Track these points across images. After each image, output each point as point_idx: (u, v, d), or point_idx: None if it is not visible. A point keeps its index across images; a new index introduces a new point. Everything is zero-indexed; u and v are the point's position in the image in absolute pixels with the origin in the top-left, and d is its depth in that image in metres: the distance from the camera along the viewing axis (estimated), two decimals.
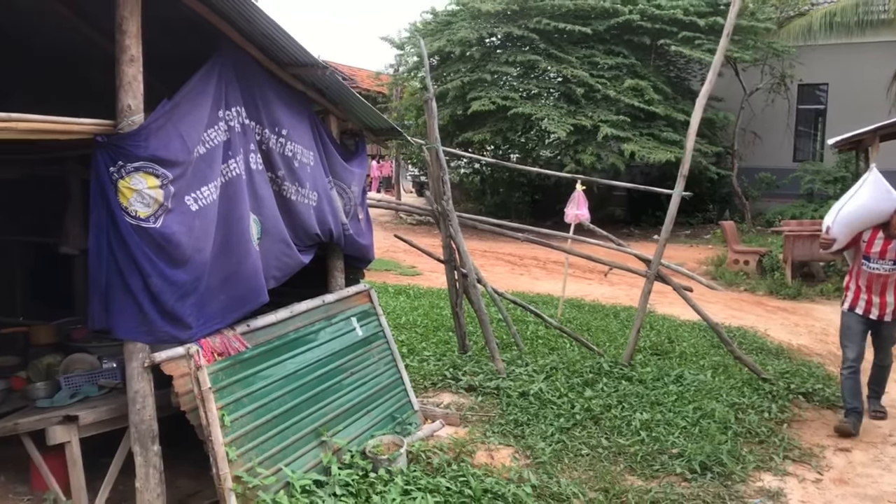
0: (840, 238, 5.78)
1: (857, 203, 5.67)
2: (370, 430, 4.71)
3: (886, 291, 5.73)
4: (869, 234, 5.73)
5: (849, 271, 6.01)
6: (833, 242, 5.79)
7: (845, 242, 5.81)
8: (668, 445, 5.04)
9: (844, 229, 5.73)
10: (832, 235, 5.78)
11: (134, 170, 3.57)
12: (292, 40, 4.27)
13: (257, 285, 4.14)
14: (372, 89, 27.84)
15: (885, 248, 5.67)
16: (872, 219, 5.67)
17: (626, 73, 19.15)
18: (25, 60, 5.42)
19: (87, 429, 4.02)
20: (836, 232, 5.76)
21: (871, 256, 5.73)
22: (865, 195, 5.68)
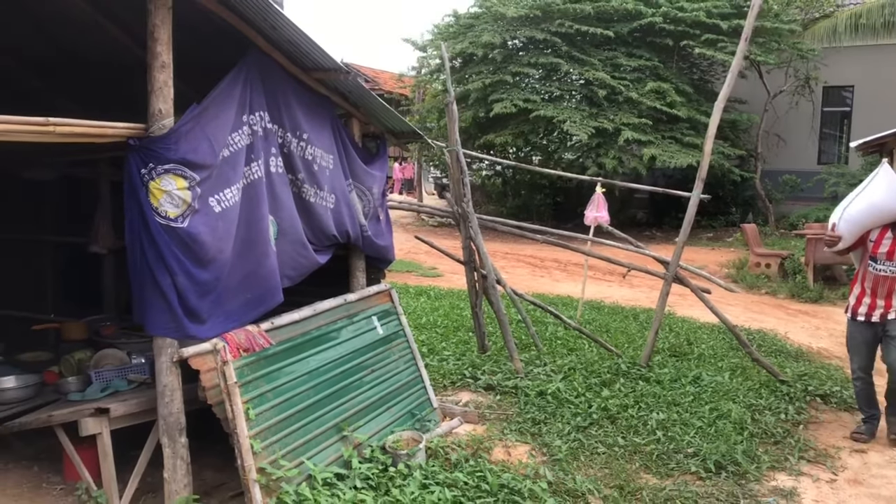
0: (846, 236, 5.53)
1: (866, 200, 5.41)
2: (390, 426, 4.83)
3: (893, 295, 5.45)
4: (877, 234, 5.47)
5: (855, 273, 5.77)
6: (838, 241, 5.54)
7: (852, 241, 5.56)
8: (683, 445, 5.10)
9: (851, 227, 5.48)
10: (838, 233, 5.54)
11: (164, 171, 3.71)
12: (316, 46, 4.40)
13: (274, 285, 4.27)
14: (394, 91, 28.00)
15: (893, 248, 5.42)
16: (881, 217, 5.41)
17: (648, 75, 19.16)
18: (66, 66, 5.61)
19: (117, 421, 4.17)
20: (843, 230, 5.52)
21: (877, 257, 5.47)
22: (874, 192, 5.41)
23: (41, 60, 5.79)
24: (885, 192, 5.39)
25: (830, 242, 5.62)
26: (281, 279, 4.37)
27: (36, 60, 5.84)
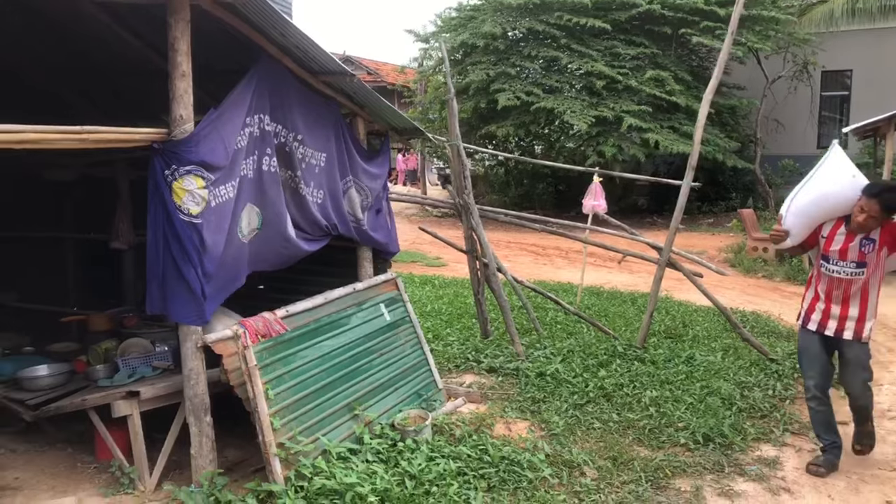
0: (794, 231, 4.71)
1: (815, 189, 4.60)
2: (398, 405, 5.16)
3: (849, 301, 4.61)
4: (829, 229, 4.64)
5: (809, 276, 4.96)
6: (785, 236, 4.74)
7: (802, 236, 4.73)
8: (674, 420, 5.42)
9: (799, 220, 4.67)
10: (784, 227, 4.72)
11: (185, 172, 4.03)
12: (322, 51, 4.71)
13: (240, 272, 4.54)
14: (397, 83, 28.25)
15: (846, 245, 4.56)
16: (832, 208, 4.60)
17: (647, 63, 19.37)
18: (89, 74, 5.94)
19: (146, 403, 4.51)
20: (790, 223, 4.70)
21: (830, 256, 4.63)
22: (823, 179, 4.62)
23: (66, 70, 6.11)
24: (836, 179, 4.60)
25: (776, 238, 4.80)
26: (262, 262, 4.71)
27: (61, 70, 6.17)
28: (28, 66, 6.30)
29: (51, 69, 6.28)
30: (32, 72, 6.37)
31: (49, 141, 3.54)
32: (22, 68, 6.31)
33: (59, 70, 6.29)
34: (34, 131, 3.45)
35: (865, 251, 4.54)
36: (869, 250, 4.53)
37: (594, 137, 18.88)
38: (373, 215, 5.61)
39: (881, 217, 4.44)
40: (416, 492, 4.14)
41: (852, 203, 4.51)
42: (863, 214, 4.46)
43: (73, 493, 4.46)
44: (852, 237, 4.55)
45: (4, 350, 5.69)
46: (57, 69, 6.28)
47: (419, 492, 4.15)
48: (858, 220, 4.48)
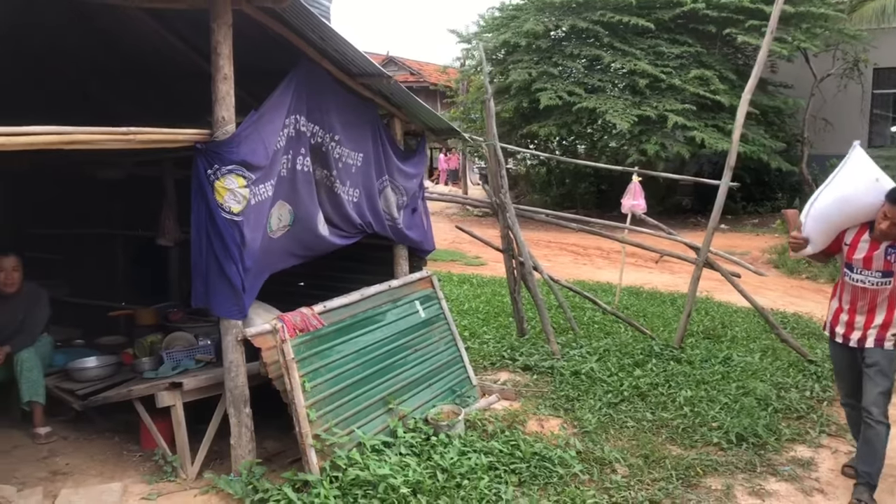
0: (814, 238, 4.37)
1: (834, 192, 4.28)
2: (432, 400, 5.26)
3: (875, 311, 4.29)
4: (852, 236, 4.32)
5: (834, 285, 4.63)
6: (805, 243, 4.41)
7: (823, 244, 4.40)
8: (708, 419, 5.41)
9: (819, 226, 4.34)
10: (803, 234, 4.40)
11: (227, 172, 4.18)
12: (360, 54, 4.83)
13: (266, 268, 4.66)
14: (439, 83, 28.39)
15: (870, 253, 4.24)
16: (854, 214, 4.27)
17: (691, 62, 19.18)
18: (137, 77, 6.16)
19: (188, 394, 4.67)
20: (809, 229, 4.37)
21: (853, 265, 4.32)
22: (844, 182, 4.28)
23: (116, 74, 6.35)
24: (857, 183, 4.24)
25: (795, 245, 4.47)
26: (291, 257, 4.86)
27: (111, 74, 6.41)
28: (80, 71, 6.56)
29: (101, 73, 6.53)
30: (84, 76, 6.63)
31: (98, 142, 3.71)
32: (74, 73, 6.57)
33: (108, 74, 6.52)
34: (84, 133, 3.62)
35: (892, 260, 4.20)
36: (893, 259, 4.20)
37: (636, 136, 18.76)
38: (408, 214, 5.72)
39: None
40: (447, 484, 4.23)
41: (875, 208, 4.16)
42: (886, 221, 4.12)
43: (119, 479, 4.65)
44: (877, 245, 4.22)
45: (56, 342, 5.92)
46: (107, 73, 6.52)
47: (450, 484, 4.24)
48: (882, 228, 4.14)
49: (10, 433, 5.40)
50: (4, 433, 5.40)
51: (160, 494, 4.41)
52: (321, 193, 5.02)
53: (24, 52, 6.07)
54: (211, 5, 4.15)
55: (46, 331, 5.73)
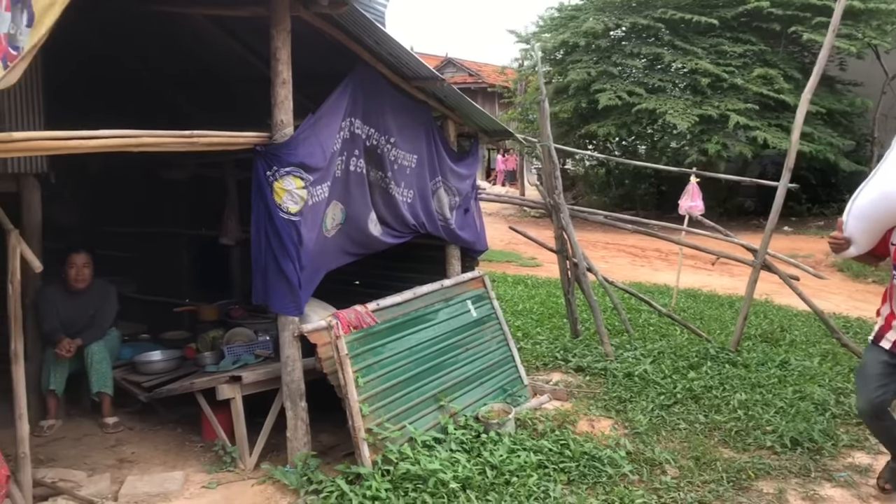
0: (857, 237, 3.94)
1: (878, 187, 3.82)
2: (483, 399, 5.32)
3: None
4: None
5: (884, 290, 4.21)
6: (846, 244, 3.97)
7: (867, 244, 3.96)
8: (762, 423, 5.34)
9: (862, 225, 3.90)
10: (846, 234, 3.95)
11: (286, 173, 4.33)
12: (414, 57, 4.94)
13: (322, 266, 4.80)
14: (497, 84, 28.42)
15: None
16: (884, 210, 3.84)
17: (754, 61, 18.83)
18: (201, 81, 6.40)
19: (247, 388, 4.84)
20: (851, 228, 3.93)
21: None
22: (886, 176, 3.84)
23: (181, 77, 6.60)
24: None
25: (836, 246, 4.04)
26: (343, 255, 5.00)
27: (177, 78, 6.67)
28: (149, 75, 6.84)
29: (167, 77, 6.79)
30: (152, 79, 6.91)
31: (163, 144, 3.89)
32: (143, 77, 6.85)
33: (174, 77, 6.79)
34: (150, 136, 3.79)
35: None
36: None
37: (697, 136, 18.49)
38: (461, 215, 5.80)
39: None
40: (496, 481, 4.29)
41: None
42: None
43: (181, 468, 4.84)
44: None
45: (124, 336, 6.17)
46: (173, 77, 6.78)
47: (499, 481, 4.30)
48: None
49: (80, 422, 5.67)
50: (76, 422, 5.67)
51: (219, 483, 4.59)
52: (375, 194, 5.14)
53: (99, 57, 6.37)
54: (271, 12, 4.30)
55: (115, 325, 5.98)
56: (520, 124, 23.95)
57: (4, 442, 4.25)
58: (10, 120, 4.80)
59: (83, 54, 5.92)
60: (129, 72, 6.82)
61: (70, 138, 3.45)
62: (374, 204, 5.11)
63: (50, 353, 5.45)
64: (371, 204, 5.11)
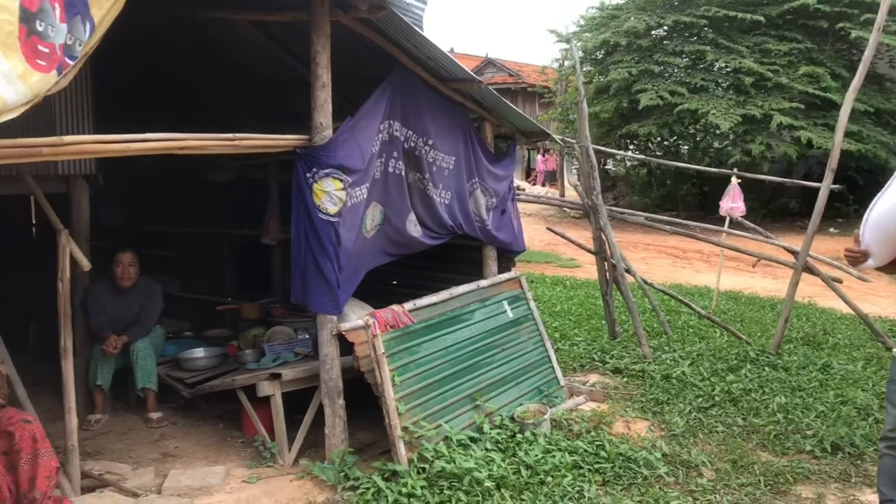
0: (875, 249, 3.63)
1: (893, 196, 3.53)
2: (519, 399, 5.35)
3: None
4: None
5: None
6: (863, 257, 3.65)
7: (886, 257, 3.64)
8: (802, 427, 5.28)
9: (879, 237, 3.60)
10: (863, 246, 3.64)
11: (325, 175, 4.41)
12: (451, 59, 4.99)
13: (362, 266, 4.88)
14: (537, 84, 28.34)
15: None
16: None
17: (800, 59, 18.51)
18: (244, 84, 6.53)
19: (287, 385, 4.94)
20: (868, 240, 3.63)
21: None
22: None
23: (224, 80, 6.75)
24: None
25: (853, 259, 3.74)
26: (381, 255, 5.08)
27: (220, 81, 6.82)
28: (193, 78, 7.00)
29: (211, 80, 6.95)
30: (196, 82, 7.07)
31: (206, 147, 4.00)
32: (188, 79, 7.01)
33: (222, 82, 6.94)
34: (193, 138, 3.90)
35: None
36: None
37: (740, 136, 18.23)
38: (497, 216, 5.83)
39: None
40: (531, 480, 4.32)
41: None
42: None
43: (222, 462, 4.96)
44: None
45: (168, 334, 6.33)
46: (220, 81, 6.94)
47: (534, 481, 4.33)
48: None
49: (126, 417, 5.83)
50: (122, 417, 5.83)
51: (259, 478, 4.68)
52: (414, 196, 5.21)
53: (145, 61, 6.55)
54: (311, 18, 4.39)
55: (159, 323, 6.13)
56: (560, 124, 23.88)
57: (54, 434, 4.39)
58: (61, 123, 4.97)
59: (130, 59, 6.08)
60: (174, 75, 6.99)
61: (116, 142, 3.57)
62: (412, 205, 5.18)
63: (97, 350, 5.62)
64: (410, 205, 5.18)
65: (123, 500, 4.27)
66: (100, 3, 3.13)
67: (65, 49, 3.03)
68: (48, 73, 2.97)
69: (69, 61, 3.06)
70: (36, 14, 2.87)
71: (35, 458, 3.90)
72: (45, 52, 2.93)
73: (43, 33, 2.91)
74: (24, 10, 2.82)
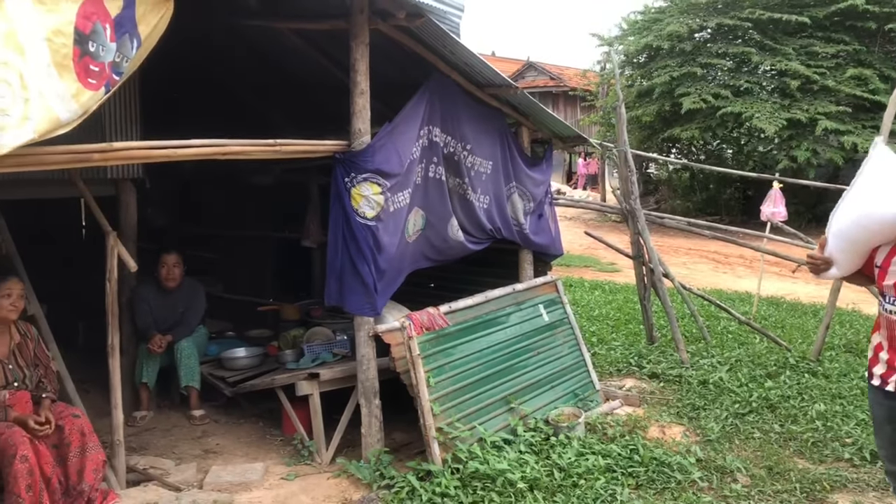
0: (837, 258, 3.36)
1: (853, 203, 3.26)
2: (553, 402, 5.38)
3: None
4: (884, 256, 3.25)
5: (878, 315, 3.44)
6: (825, 265, 3.40)
7: (851, 265, 3.37)
8: (841, 434, 5.23)
9: (840, 244, 3.33)
10: (825, 253, 3.39)
11: (363, 180, 4.51)
12: (487, 66, 5.05)
13: (403, 270, 4.97)
14: (579, 88, 28.23)
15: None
16: (880, 230, 3.19)
17: (848, 61, 18.16)
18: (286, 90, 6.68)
19: (325, 384, 5.04)
20: (832, 248, 3.37)
21: (885, 292, 3.28)
22: (864, 190, 3.25)
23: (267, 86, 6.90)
24: (880, 191, 3.18)
25: (812, 268, 3.49)
26: (423, 260, 5.17)
27: (264, 86, 6.97)
28: (236, 84, 7.17)
29: (253, 85, 7.11)
30: (239, 88, 7.24)
31: (248, 153, 4.12)
32: (231, 85, 7.19)
33: (264, 88, 7.10)
34: (237, 144, 4.03)
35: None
36: None
37: (786, 141, 17.95)
38: (535, 220, 5.87)
39: None
40: (564, 483, 4.36)
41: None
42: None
43: (262, 460, 5.08)
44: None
45: (211, 334, 6.49)
46: (263, 87, 7.09)
47: (567, 483, 4.36)
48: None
49: (170, 414, 6.00)
50: (165, 414, 6.00)
51: (297, 475, 4.79)
52: (454, 200, 5.29)
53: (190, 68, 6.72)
54: (350, 26, 4.49)
55: (203, 323, 6.30)
56: (601, 128, 23.76)
57: (101, 430, 4.56)
58: (111, 129, 5.15)
59: (176, 66, 6.26)
60: (218, 81, 7.17)
61: (162, 147, 3.71)
62: (453, 210, 5.26)
63: (143, 349, 5.80)
64: (451, 210, 5.26)
65: (166, 495, 4.41)
66: (147, 20, 3.28)
67: (113, 66, 3.18)
68: (97, 90, 3.12)
69: (116, 77, 3.21)
70: (89, 36, 3.03)
71: (83, 452, 4.07)
72: (95, 72, 3.08)
73: (94, 53, 3.07)
74: (79, 33, 2.99)
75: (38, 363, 4.31)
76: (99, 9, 3.06)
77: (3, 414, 3.97)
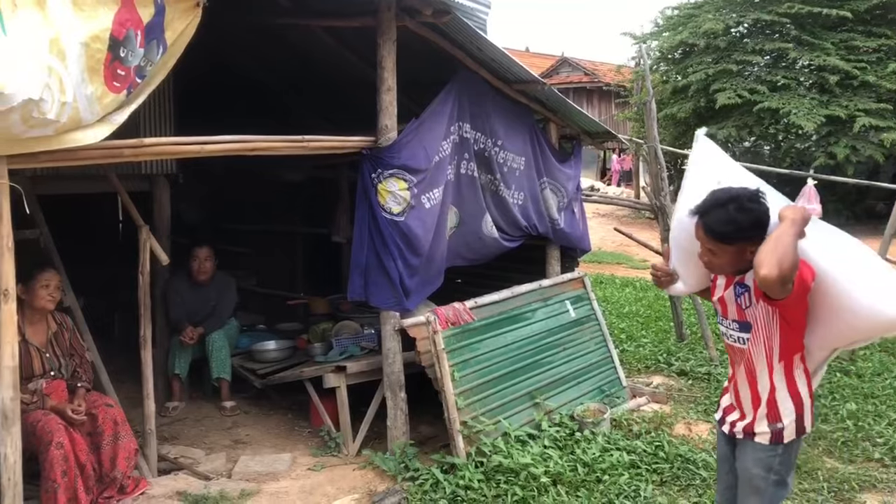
0: (681, 272, 3.07)
1: (679, 205, 2.96)
2: (579, 398, 5.38)
3: (739, 383, 2.90)
4: None
5: None
6: (669, 278, 3.10)
7: (694, 280, 3.06)
8: (872, 434, 5.15)
9: (676, 253, 3.05)
10: (671, 265, 3.09)
11: (389, 175, 4.56)
12: (515, 62, 5.07)
13: (441, 269, 5.01)
14: (613, 83, 28.00)
15: (723, 294, 2.87)
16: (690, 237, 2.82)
17: (889, 56, 17.78)
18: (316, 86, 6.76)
19: (352, 377, 5.11)
20: (674, 258, 3.08)
21: (716, 309, 2.97)
22: (686, 190, 2.97)
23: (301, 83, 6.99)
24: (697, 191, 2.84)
25: (655, 281, 3.17)
26: (456, 258, 5.19)
27: (297, 83, 7.06)
28: (266, 80, 7.27)
29: (284, 82, 7.20)
30: (270, 84, 7.34)
31: (275, 148, 4.19)
32: (261, 81, 7.29)
33: (297, 84, 7.18)
34: (265, 140, 4.10)
35: (742, 304, 2.79)
36: (746, 303, 2.77)
37: (824, 138, 17.64)
38: (568, 215, 5.87)
39: (720, 250, 2.71)
40: (587, 478, 4.37)
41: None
42: (700, 247, 2.80)
43: (290, 450, 5.16)
44: (730, 281, 2.84)
45: (242, 326, 6.60)
46: (296, 84, 7.18)
47: (591, 478, 4.37)
48: (703, 259, 2.82)
49: (201, 405, 6.12)
50: (197, 404, 6.13)
51: (323, 466, 4.87)
52: (487, 197, 5.33)
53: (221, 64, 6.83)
54: (378, 23, 4.53)
55: (234, 316, 6.41)
56: (636, 123, 23.55)
57: (134, 419, 4.67)
58: (146, 126, 5.26)
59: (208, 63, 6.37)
60: (249, 77, 7.27)
61: (193, 143, 3.79)
62: (486, 206, 5.29)
63: (175, 340, 5.93)
64: (484, 206, 5.29)
65: (196, 483, 4.51)
66: (173, 27, 3.36)
67: (137, 70, 3.26)
68: (120, 93, 3.20)
69: (139, 81, 3.29)
70: (122, 42, 3.11)
71: (116, 440, 4.18)
72: (121, 76, 3.17)
73: (124, 58, 3.16)
74: (114, 39, 3.08)
75: (73, 353, 4.43)
76: (133, 15, 3.14)
77: (41, 402, 4.10)
